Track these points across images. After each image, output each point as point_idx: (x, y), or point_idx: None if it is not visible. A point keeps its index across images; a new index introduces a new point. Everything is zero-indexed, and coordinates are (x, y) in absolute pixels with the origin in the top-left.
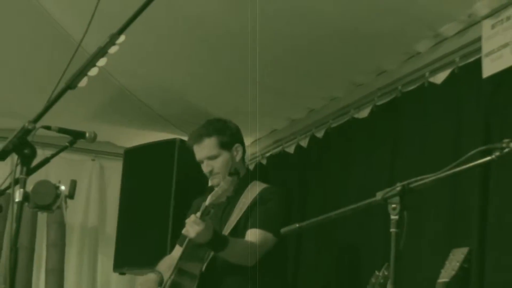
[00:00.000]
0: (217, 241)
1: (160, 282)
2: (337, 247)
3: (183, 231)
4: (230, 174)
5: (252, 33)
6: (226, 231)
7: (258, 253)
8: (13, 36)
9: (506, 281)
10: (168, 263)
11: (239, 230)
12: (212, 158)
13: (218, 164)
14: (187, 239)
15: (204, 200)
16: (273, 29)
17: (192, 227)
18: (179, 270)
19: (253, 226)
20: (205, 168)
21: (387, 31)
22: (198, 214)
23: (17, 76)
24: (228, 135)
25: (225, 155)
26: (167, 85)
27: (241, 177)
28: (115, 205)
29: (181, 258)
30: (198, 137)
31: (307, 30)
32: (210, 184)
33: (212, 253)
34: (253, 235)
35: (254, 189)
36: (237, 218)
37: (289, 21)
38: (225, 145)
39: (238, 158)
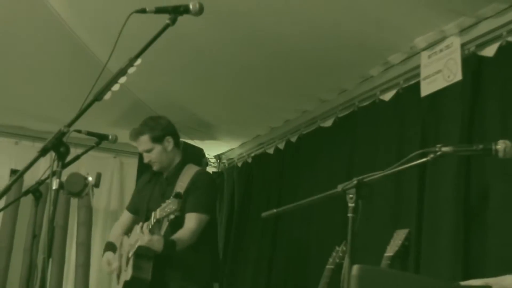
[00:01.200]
0: (167, 249)
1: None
2: (308, 228)
3: (141, 243)
4: (175, 196)
5: (240, 57)
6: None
7: (197, 232)
8: (52, 59)
9: (437, 255)
10: (121, 240)
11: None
12: (148, 151)
13: (153, 155)
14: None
15: (152, 179)
16: (256, 54)
17: (144, 237)
18: (137, 254)
19: (189, 210)
20: (145, 159)
21: (347, 59)
22: (149, 226)
23: (55, 90)
24: (159, 130)
25: (158, 148)
26: (174, 98)
27: (177, 162)
28: (131, 193)
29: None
30: (135, 135)
31: (284, 58)
32: (154, 169)
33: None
34: (191, 218)
35: (189, 172)
36: None
37: (268, 51)
38: (157, 139)
39: (170, 147)
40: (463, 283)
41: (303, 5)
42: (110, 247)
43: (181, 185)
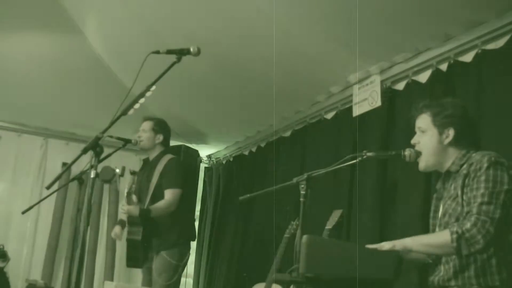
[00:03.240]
0: (143, 214)
1: (123, 226)
2: (272, 209)
3: (120, 216)
4: (128, 201)
5: (225, 84)
6: (151, 188)
7: (174, 203)
8: (95, 88)
9: (361, 228)
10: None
11: (157, 186)
12: (144, 131)
13: (145, 135)
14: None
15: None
16: (237, 83)
17: (123, 212)
18: (129, 222)
19: (165, 187)
20: (138, 134)
21: (302, 89)
22: (124, 203)
23: (96, 108)
24: (160, 127)
25: (151, 134)
26: (179, 114)
27: (159, 152)
28: None
29: (129, 216)
30: (147, 117)
31: (258, 87)
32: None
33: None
34: (168, 193)
35: (165, 159)
36: (156, 179)
37: (247, 81)
38: (155, 130)
39: (157, 141)
40: (377, 246)
41: (270, 53)
42: (120, 222)
43: (159, 168)
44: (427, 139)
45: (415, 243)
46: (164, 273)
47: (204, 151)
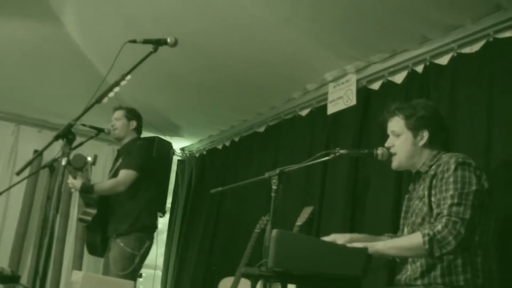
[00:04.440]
0: (84, 189)
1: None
2: (243, 203)
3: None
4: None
5: (200, 79)
6: (112, 171)
7: (124, 183)
8: (68, 75)
9: (331, 225)
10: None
11: (118, 168)
12: (117, 119)
13: (119, 123)
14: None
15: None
16: (212, 78)
17: (70, 183)
18: (85, 203)
19: (122, 167)
20: (112, 122)
21: (278, 86)
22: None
23: (69, 95)
24: (132, 113)
25: (124, 121)
26: (153, 106)
27: (131, 139)
28: None
29: (83, 197)
30: (119, 107)
31: (232, 83)
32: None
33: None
34: (121, 173)
35: (134, 145)
36: (119, 163)
37: (221, 78)
38: (127, 117)
39: (131, 127)
40: (348, 244)
41: (247, 48)
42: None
43: (125, 152)
44: (401, 142)
45: (386, 247)
46: (119, 262)
47: (178, 144)
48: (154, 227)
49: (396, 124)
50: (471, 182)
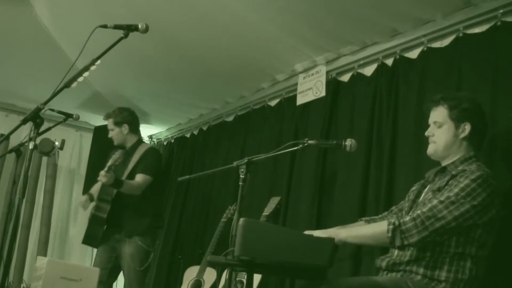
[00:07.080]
0: (116, 183)
1: (91, 199)
2: (210, 192)
3: (98, 178)
4: (108, 169)
5: (169, 67)
6: (126, 173)
7: (141, 187)
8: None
9: (298, 215)
10: (95, 190)
11: (133, 173)
12: (111, 130)
13: (113, 134)
14: (101, 183)
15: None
16: (182, 67)
17: (102, 176)
18: (99, 198)
19: (139, 172)
20: (109, 134)
21: (247, 75)
22: (105, 170)
23: (37, 79)
24: (120, 118)
25: (117, 129)
26: (122, 92)
27: (134, 142)
28: (86, 157)
29: (100, 192)
30: (106, 116)
31: (202, 71)
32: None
33: (115, 190)
34: (138, 177)
35: (142, 148)
36: (132, 166)
37: (191, 66)
38: (117, 124)
39: (125, 132)
40: (314, 234)
41: (218, 36)
42: (88, 195)
43: (136, 156)
44: (443, 132)
45: (350, 235)
46: (138, 259)
47: (146, 131)
48: (163, 226)
49: (439, 114)
50: (476, 198)
